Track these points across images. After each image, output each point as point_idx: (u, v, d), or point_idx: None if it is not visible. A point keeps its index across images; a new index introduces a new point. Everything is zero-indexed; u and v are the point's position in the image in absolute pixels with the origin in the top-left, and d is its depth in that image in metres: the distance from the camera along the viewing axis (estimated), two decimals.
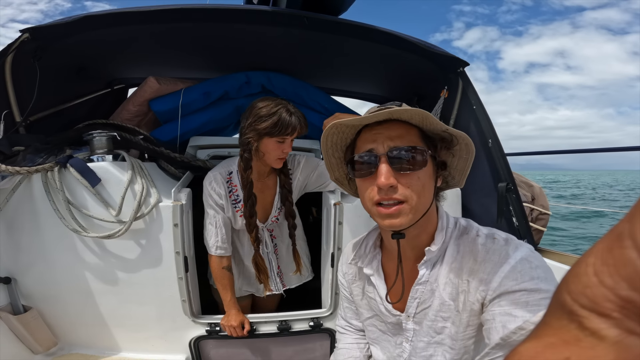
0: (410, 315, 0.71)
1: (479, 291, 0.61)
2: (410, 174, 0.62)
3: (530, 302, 0.53)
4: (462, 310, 0.64)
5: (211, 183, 1.27)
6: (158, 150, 1.53)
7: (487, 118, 1.39)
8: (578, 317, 0.18)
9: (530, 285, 0.54)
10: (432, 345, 0.70)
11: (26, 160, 1.22)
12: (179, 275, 1.30)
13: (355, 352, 0.89)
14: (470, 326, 0.64)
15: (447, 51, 1.43)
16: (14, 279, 1.27)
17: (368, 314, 0.83)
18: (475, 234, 0.67)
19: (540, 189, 1.94)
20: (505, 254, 0.60)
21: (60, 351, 1.38)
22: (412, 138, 0.64)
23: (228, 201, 1.30)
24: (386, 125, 0.65)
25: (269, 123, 1.13)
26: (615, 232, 0.18)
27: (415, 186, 0.62)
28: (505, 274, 0.58)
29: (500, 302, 0.56)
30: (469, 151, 0.68)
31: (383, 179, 0.61)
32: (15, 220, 1.25)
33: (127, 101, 1.82)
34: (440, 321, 0.67)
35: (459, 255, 0.66)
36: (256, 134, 1.16)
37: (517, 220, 1.31)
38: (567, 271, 0.20)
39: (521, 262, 0.58)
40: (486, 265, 0.61)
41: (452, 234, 0.69)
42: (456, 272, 0.65)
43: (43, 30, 1.26)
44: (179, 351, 1.39)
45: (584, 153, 1.65)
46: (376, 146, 0.64)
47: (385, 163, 0.62)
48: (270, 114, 1.13)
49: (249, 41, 1.54)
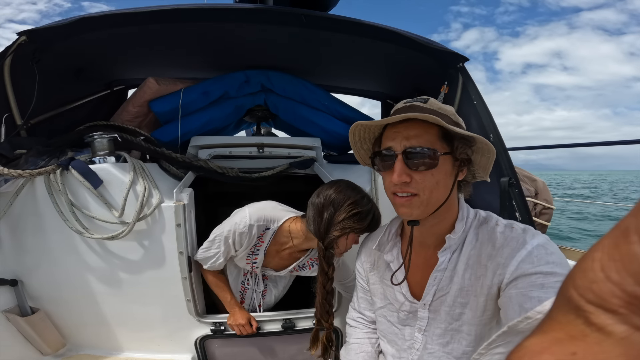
0: (427, 304, 0.74)
1: (497, 275, 0.64)
2: (423, 172, 0.67)
3: (546, 285, 0.55)
4: (480, 294, 0.67)
5: (244, 229, 1.16)
6: (159, 150, 1.53)
7: (487, 113, 1.38)
8: (585, 313, 0.18)
9: (546, 269, 0.57)
10: (449, 332, 0.72)
11: (28, 163, 1.22)
12: (183, 275, 1.30)
13: (367, 347, 0.90)
14: (487, 311, 0.67)
15: (446, 47, 1.42)
16: (20, 281, 1.28)
17: (381, 303, 0.84)
18: (494, 224, 0.71)
19: (544, 183, 1.93)
20: (523, 240, 0.63)
21: (69, 352, 1.39)
22: (430, 137, 0.68)
23: (247, 249, 1.23)
24: (406, 125, 0.69)
25: (367, 222, 1.02)
26: (622, 227, 0.18)
27: (428, 182, 0.67)
28: (523, 258, 0.61)
29: (517, 285, 0.59)
30: (489, 151, 0.71)
31: (396, 176, 0.67)
32: (19, 223, 1.25)
33: (127, 102, 1.82)
34: (459, 307, 0.70)
35: (478, 243, 0.70)
36: (347, 229, 1.01)
37: (520, 215, 1.31)
38: (574, 266, 0.20)
39: (537, 248, 0.61)
40: (504, 250, 0.64)
41: (472, 224, 0.73)
42: (475, 258, 0.69)
43: (40, 33, 1.26)
44: (185, 351, 1.40)
45: (586, 147, 1.65)
46: (394, 144, 0.69)
47: (400, 161, 0.68)
48: (367, 212, 1.03)
49: (247, 40, 1.54)
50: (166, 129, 1.78)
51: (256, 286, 1.42)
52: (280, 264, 1.32)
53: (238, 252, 1.25)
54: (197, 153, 1.77)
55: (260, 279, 1.42)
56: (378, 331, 0.89)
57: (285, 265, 1.32)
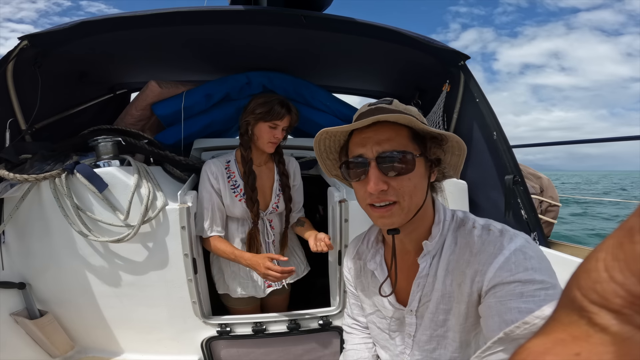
0: (413, 310, 0.72)
1: (475, 282, 0.61)
2: (400, 177, 0.63)
3: (525, 293, 0.53)
4: (461, 301, 0.65)
5: (210, 167, 1.34)
6: (163, 153, 1.54)
7: (490, 110, 1.37)
8: (588, 313, 0.18)
9: (524, 277, 0.55)
10: (434, 338, 0.70)
11: (34, 167, 1.23)
12: (189, 277, 1.31)
13: (364, 353, 0.88)
14: (470, 318, 0.65)
15: (447, 45, 1.41)
16: (28, 284, 1.29)
17: (370, 309, 0.83)
18: (471, 226, 0.68)
19: (549, 180, 1.91)
20: (500, 245, 0.61)
21: (77, 355, 1.40)
22: (401, 140, 0.64)
23: (226, 186, 1.35)
24: (375, 128, 0.65)
25: (264, 109, 1.29)
26: (626, 227, 0.17)
27: (407, 187, 0.64)
28: (500, 265, 0.58)
29: (496, 293, 0.57)
30: (461, 148, 0.68)
31: (372, 185, 0.63)
32: (26, 227, 1.27)
33: (130, 106, 1.83)
34: (442, 313, 0.68)
35: (457, 247, 0.67)
36: (253, 117, 1.31)
37: (525, 213, 1.30)
38: (577, 267, 0.20)
39: (515, 254, 0.58)
40: (481, 256, 0.62)
41: (449, 227, 0.70)
42: (454, 264, 0.66)
43: (41, 37, 1.27)
44: (191, 352, 1.41)
45: (585, 145, 1.63)
46: (365, 151, 0.65)
47: (374, 168, 0.63)
48: (266, 103, 1.30)
49: (247, 42, 1.54)
50: (169, 131, 1.79)
51: (266, 237, 1.43)
52: (264, 195, 1.42)
53: (223, 195, 1.35)
54: (201, 155, 1.77)
55: (267, 226, 1.43)
56: (372, 337, 0.88)
57: (267, 196, 1.43)
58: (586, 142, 1.60)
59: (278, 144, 1.37)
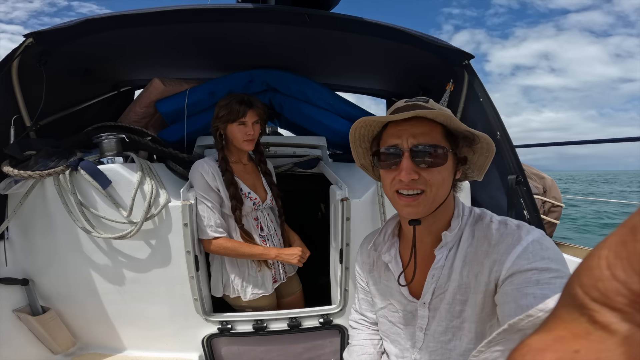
0: (426, 302, 0.73)
1: (493, 271, 0.64)
2: (430, 169, 0.67)
3: (541, 280, 0.55)
4: (478, 291, 0.67)
5: (203, 167, 1.32)
6: (166, 150, 1.54)
7: (494, 110, 1.37)
8: (589, 311, 0.18)
9: (541, 265, 0.57)
10: (450, 329, 0.71)
11: (38, 164, 1.24)
12: (190, 274, 1.31)
13: (369, 349, 0.89)
14: (486, 308, 0.66)
15: (451, 44, 1.41)
16: (31, 281, 1.30)
17: (382, 303, 0.84)
18: (489, 220, 0.72)
19: (552, 180, 1.90)
20: (518, 236, 0.64)
21: (79, 351, 1.41)
22: (435, 136, 0.68)
23: (222, 184, 1.34)
24: (411, 122, 0.69)
25: (225, 111, 1.31)
26: (629, 225, 0.17)
27: (435, 179, 0.67)
28: (518, 254, 0.61)
29: (513, 281, 0.59)
30: (490, 150, 0.71)
31: (405, 174, 0.67)
32: (30, 223, 1.27)
33: (134, 103, 1.84)
34: (458, 304, 0.70)
35: (474, 240, 0.70)
36: (219, 122, 1.33)
37: (528, 213, 1.29)
38: (579, 264, 0.20)
39: (532, 244, 0.61)
40: (500, 247, 0.65)
41: (467, 221, 0.73)
42: (472, 256, 0.69)
43: (46, 35, 1.27)
44: (192, 349, 1.42)
45: (593, 144, 1.63)
46: (401, 142, 0.68)
47: (407, 158, 0.67)
48: (226, 105, 1.32)
49: (251, 40, 1.54)
50: (172, 129, 1.79)
51: (268, 230, 1.44)
52: (256, 183, 1.45)
53: (222, 192, 1.33)
54: (204, 153, 1.78)
55: (267, 218, 1.45)
56: (380, 332, 0.88)
57: (264, 189, 1.47)
58: (587, 142, 1.60)
59: (255, 140, 1.38)
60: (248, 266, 1.38)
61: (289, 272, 1.53)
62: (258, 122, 1.35)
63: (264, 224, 1.43)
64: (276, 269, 1.46)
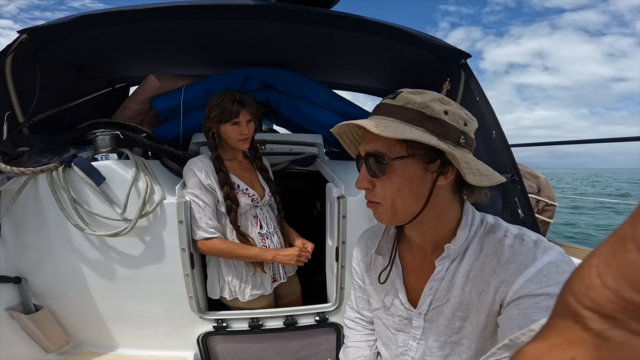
0: (422, 313, 0.70)
1: (499, 292, 0.58)
2: (382, 178, 0.62)
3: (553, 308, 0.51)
4: (480, 310, 0.62)
5: (197, 164, 1.30)
6: (161, 147, 1.53)
7: (490, 109, 1.37)
8: (582, 319, 0.19)
9: (555, 290, 0.51)
10: (449, 344, 0.68)
11: (31, 160, 1.22)
12: (185, 272, 1.31)
13: (365, 351, 0.87)
14: (488, 327, 0.62)
15: (448, 43, 1.41)
16: (24, 279, 1.29)
17: (377, 304, 0.82)
18: (503, 235, 0.64)
19: (546, 179, 1.92)
20: (533, 256, 0.57)
21: (73, 349, 1.40)
22: (386, 140, 0.60)
23: (218, 183, 1.31)
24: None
25: (217, 111, 1.28)
26: (618, 234, 0.18)
27: (389, 189, 0.62)
28: (530, 276, 0.55)
29: (520, 305, 0.54)
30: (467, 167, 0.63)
31: (357, 183, 0.65)
32: (22, 221, 1.26)
33: (129, 99, 1.82)
34: (458, 320, 0.65)
35: (482, 255, 0.64)
36: (212, 122, 1.31)
37: (522, 212, 1.30)
38: (571, 273, 0.20)
39: (548, 266, 0.55)
40: (510, 266, 0.58)
41: (476, 231, 0.66)
42: (477, 271, 0.63)
43: (41, 31, 1.26)
44: (188, 347, 1.41)
45: (589, 144, 1.65)
46: (360, 149, 0.66)
47: (363, 167, 0.64)
48: (217, 104, 1.28)
49: (248, 36, 1.53)
50: (168, 126, 1.78)
51: (268, 227, 1.42)
52: (253, 180, 1.44)
53: (216, 189, 1.31)
54: (199, 150, 1.77)
55: (267, 216, 1.43)
56: (375, 332, 0.86)
57: (261, 186, 1.46)
58: (581, 142, 1.61)
59: (250, 138, 1.36)
60: (246, 266, 1.36)
61: (288, 272, 1.51)
62: (252, 120, 1.33)
63: (264, 222, 1.41)
64: (276, 267, 1.45)
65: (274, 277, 1.44)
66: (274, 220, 1.47)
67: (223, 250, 1.28)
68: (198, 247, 1.31)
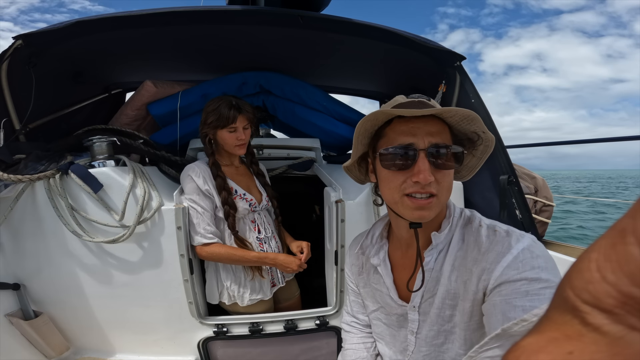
0: (416, 306, 0.71)
1: (482, 280, 0.61)
2: (443, 171, 0.64)
3: (530, 292, 0.53)
4: (466, 299, 0.64)
5: (194, 169, 1.30)
6: (159, 153, 1.53)
7: (485, 111, 1.38)
8: (581, 313, 0.18)
9: (531, 275, 0.55)
10: (442, 333, 0.70)
11: (28, 168, 1.22)
12: (185, 277, 1.30)
13: (362, 353, 0.87)
14: (474, 316, 0.64)
15: (443, 45, 1.42)
16: (23, 285, 1.28)
17: (373, 306, 0.83)
18: (478, 224, 0.68)
19: (543, 180, 1.93)
20: (508, 244, 0.61)
21: (73, 355, 1.40)
22: (448, 136, 0.65)
23: (215, 188, 1.31)
24: (424, 120, 0.63)
25: (214, 117, 1.28)
26: (618, 228, 0.18)
27: (447, 182, 0.64)
28: (508, 263, 0.58)
29: (501, 292, 0.56)
30: (486, 152, 0.69)
31: (424, 176, 0.60)
32: (20, 228, 1.26)
33: (125, 105, 1.82)
34: (448, 309, 0.67)
35: (464, 245, 0.67)
36: (209, 128, 1.31)
37: (520, 212, 1.31)
38: (570, 267, 0.20)
39: (523, 252, 0.58)
40: (489, 255, 0.61)
41: (457, 223, 0.70)
42: (461, 261, 0.66)
43: (36, 37, 1.26)
44: (188, 353, 1.41)
45: (588, 143, 1.66)
46: (416, 141, 0.62)
47: (424, 159, 0.62)
48: (214, 110, 1.29)
49: (244, 42, 1.54)
50: (165, 131, 1.78)
51: (265, 232, 1.42)
52: (250, 185, 1.44)
53: (214, 194, 1.31)
54: (196, 155, 1.77)
55: (265, 221, 1.43)
56: (374, 334, 0.87)
57: (259, 191, 1.46)
58: (578, 142, 1.62)
59: (247, 144, 1.36)
60: (244, 271, 1.36)
61: (287, 276, 1.51)
62: (248, 126, 1.34)
63: (262, 226, 1.41)
64: (274, 272, 1.44)
65: (272, 282, 1.43)
66: (271, 225, 1.47)
67: (222, 255, 1.28)
68: (197, 253, 1.31)
